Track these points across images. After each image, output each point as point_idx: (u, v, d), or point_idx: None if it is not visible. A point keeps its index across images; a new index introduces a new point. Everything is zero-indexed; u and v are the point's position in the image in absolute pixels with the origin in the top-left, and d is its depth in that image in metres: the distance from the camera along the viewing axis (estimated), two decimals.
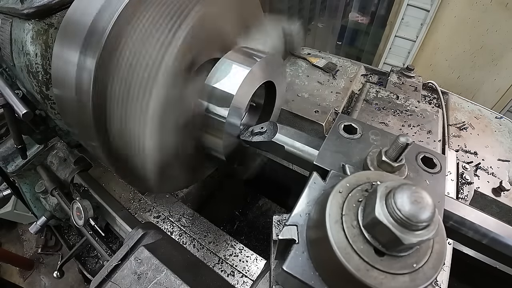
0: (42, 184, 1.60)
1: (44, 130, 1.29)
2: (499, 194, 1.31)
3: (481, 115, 1.74)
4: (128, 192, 1.49)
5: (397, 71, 1.89)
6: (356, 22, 4.34)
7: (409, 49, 3.91)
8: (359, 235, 0.45)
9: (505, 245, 0.69)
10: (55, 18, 1.03)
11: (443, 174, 0.69)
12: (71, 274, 3.03)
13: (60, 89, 0.89)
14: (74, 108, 0.86)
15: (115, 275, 0.84)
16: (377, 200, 0.42)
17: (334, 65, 1.88)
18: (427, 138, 1.41)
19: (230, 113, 0.92)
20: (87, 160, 1.62)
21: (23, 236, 3.47)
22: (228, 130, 0.96)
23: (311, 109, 1.55)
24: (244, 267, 1.19)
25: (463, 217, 0.71)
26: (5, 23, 1.09)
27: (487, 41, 3.36)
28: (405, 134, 0.59)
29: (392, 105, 1.58)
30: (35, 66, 1.03)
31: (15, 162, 1.57)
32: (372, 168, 0.65)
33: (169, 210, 1.39)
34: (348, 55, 3.37)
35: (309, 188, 0.62)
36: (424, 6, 3.51)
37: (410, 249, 0.44)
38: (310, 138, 0.93)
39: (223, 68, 0.94)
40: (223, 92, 0.92)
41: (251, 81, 0.96)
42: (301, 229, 0.55)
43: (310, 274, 0.50)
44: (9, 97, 1.09)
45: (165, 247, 0.96)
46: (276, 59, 1.07)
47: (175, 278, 0.83)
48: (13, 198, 2.66)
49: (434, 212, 0.40)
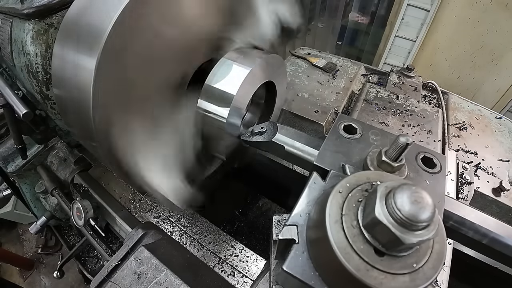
0: (42, 184, 1.61)
1: (44, 130, 1.29)
2: (499, 194, 1.31)
3: (481, 115, 1.74)
4: (128, 192, 1.49)
5: (397, 71, 1.89)
6: (356, 22, 4.34)
7: (409, 49, 3.91)
8: (359, 235, 0.45)
9: (505, 245, 0.69)
10: (55, 18, 1.03)
11: (443, 174, 0.69)
12: (71, 274, 3.03)
13: (60, 89, 0.89)
14: (74, 108, 0.86)
15: (115, 275, 0.84)
16: (377, 200, 0.42)
17: (334, 65, 1.88)
18: (427, 138, 1.41)
19: (231, 113, 0.92)
20: (87, 160, 1.62)
21: (23, 236, 3.47)
22: (228, 130, 0.96)
23: (311, 109, 1.55)
24: (244, 267, 1.19)
25: (463, 217, 0.71)
26: (5, 23, 1.09)
27: (487, 41, 3.36)
28: (405, 134, 0.59)
29: (392, 105, 1.58)
30: (35, 66, 1.03)
31: (15, 162, 1.58)
32: (372, 168, 0.64)
33: (169, 210, 1.39)
34: (348, 55, 3.37)
35: (309, 188, 0.62)
36: (424, 6, 3.51)
37: (410, 249, 0.44)
38: (310, 138, 0.93)
39: (224, 68, 0.95)
40: (223, 92, 0.92)
41: (252, 81, 0.96)
42: (301, 229, 0.55)
43: (310, 274, 0.50)
44: (9, 97, 1.09)
45: (165, 247, 0.96)
46: (277, 59, 1.07)
47: (175, 278, 0.83)
48: (13, 198, 2.66)
49: (434, 212, 0.40)
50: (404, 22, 3.75)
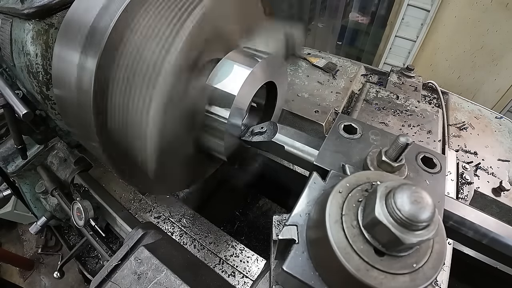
0: (42, 185, 1.60)
1: (44, 130, 1.29)
2: (499, 194, 1.31)
3: (481, 115, 1.74)
4: (129, 193, 1.49)
5: (397, 71, 1.89)
6: (356, 22, 4.35)
7: (409, 49, 3.91)
8: (359, 235, 0.45)
9: (505, 245, 0.69)
10: (55, 18, 1.03)
11: (443, 174, 0.69)
12: (71, 274, 3.03)
13: (61, 89, 0.89)
14: (75, 109, 0.86)
15: (115, 275, 0.84)
16: (377, 200, 0.42)
17: (334, 65, 1.88)
18: (427, 138, 1.41)
19: (232, 113, 0.91)
20: (87, 160, 1.62)
21: (23, 236, 3.47)
22: (229, 131, 0.95)
23: (311, 109, 1.55)
24: (245, 268, 1.19)
25: (463, 217, 0.71)
26: (5, 23, 1.09)
27: (487, 41, 3.36)
28: (405, 134, 0.59)
29: (392, 105, 1.58)
30: (36, 66, 1.03)
31: (15, 162, 1.57)
32: (372, 168, 0.64)
33: (170, 211, 1.39)
34: (348, 55, 3.37)
35: (309, 188, 0.62)
36: (424, 6, 3.51)
37: (410, 249, 0.44)
38: (310, 138, 0.93)
39: (225, 68, 0.94)
40: (224, 93, 0.91)
41: (253, 82, 0.96)
42: (301, 229, 0.55)
43: (310, 274, 0.50)
44: (9, 97, 1.09)
45: (165, 247, 0.96)
46: (278, 60, 1.07)
47: (175, 278, 0.83)
48: (13, 198, 2.66)
49: (434, 212, 0.40)
50: (404, 22, 3.75)
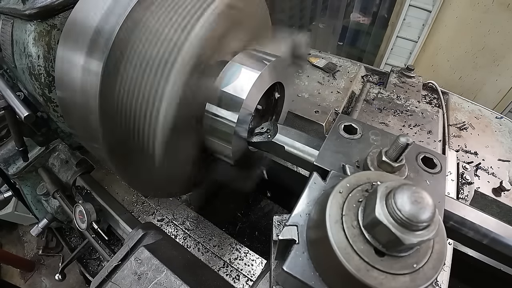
0: (43, 187, 1.60)
1: (45, 132, 1.29)
2: (499, 194, 1.31)
3: (481, 115, 1.74)
4: (131, 195, 1.48)
5: (397, 71, 1.90)
6: (357, 22, 4.35)
7: (410, 50, 3.91)
8: (359, 235, 0.45)
9: (505, 245, 0.68)
10: (58, 19, 1.01)
11: (443, 174, 0.69)
12: (72, 275, 3.03)
13: (65, 91, 0.88)
14: (79, 111, 0.85)
15: (115, 275, 0.84)
16: (377, 200, 0.42)
17: (334, 65, 1.88)
18: (427, 138, 1.41)
19: (240, 117, 0.90)
20: (89, 162, 1.61)
21: (24, 237, 3.47)
22: (237, 134, 0.94)
23: (311, 109, 1.55)
24: (249, 271, 1.18)
25: (464, 217, 0.71)
26: (6, 24, 1.09)
27: (489, 41, 3.36)
28: (405, 134, 0.59)
29: (392, 105, 1.58)
30: (37, 68, 1.02)
31: (16, 164, 1.57)
32: (372, 168, 0.64)
33: (173, 213, 1.38)
34: (349, 56, 3.37)
35: (309, 188, 0.62)
36: (426, 6, 3.51)
37: (410, 249, 0.44)
38: (310, 138, 0.93)
39: (233, 71, 0.93)
40: (233, 96, 0.90)
41: (260, 85, 0.95)
42: (301, 229, 0.55)
43: (310, 274, 0.50)
44: (11, 99, 1.08)
45: (165, 247, 0.96)
46: (284, 62, 1.06)
47: (175, 278, 0.83)
48: (14, 199, 2.67)
49: (434, 212, 0.40)
50: (405, 22, 3.75)
